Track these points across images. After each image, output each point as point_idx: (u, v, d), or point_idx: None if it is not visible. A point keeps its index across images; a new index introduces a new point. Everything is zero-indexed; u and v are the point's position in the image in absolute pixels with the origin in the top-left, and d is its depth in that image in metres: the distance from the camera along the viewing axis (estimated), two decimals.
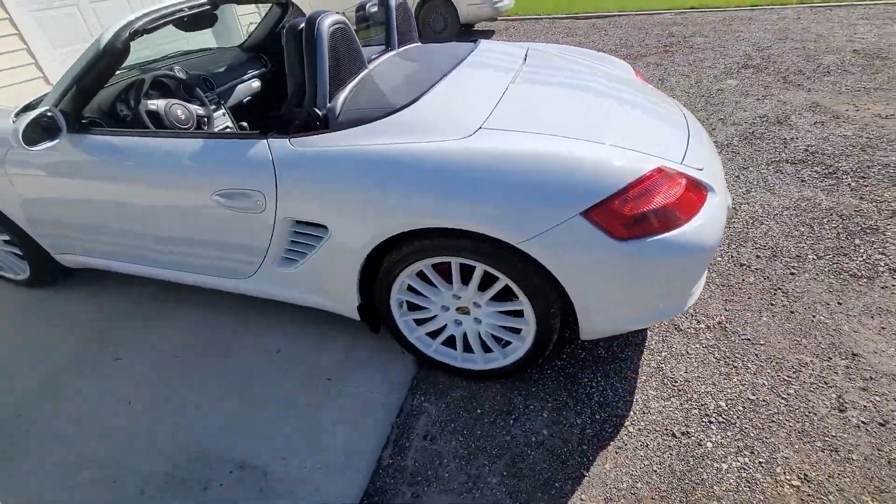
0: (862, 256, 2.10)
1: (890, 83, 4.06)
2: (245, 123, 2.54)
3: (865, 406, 1.49)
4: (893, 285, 1.92)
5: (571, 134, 1.41)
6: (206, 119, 2.25)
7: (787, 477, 1.33)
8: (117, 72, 1.87)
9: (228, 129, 2.44)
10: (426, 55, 2.06)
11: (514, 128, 1.43)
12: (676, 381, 1.64)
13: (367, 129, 1.48)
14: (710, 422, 1.50)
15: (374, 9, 2.38)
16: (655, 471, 1.39)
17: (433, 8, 6.90)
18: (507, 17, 8.80)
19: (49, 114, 1.64)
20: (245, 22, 6.72)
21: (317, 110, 1.58)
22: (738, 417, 1.50)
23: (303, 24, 1.57)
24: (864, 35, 5.45)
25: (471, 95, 1.61)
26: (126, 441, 1.59)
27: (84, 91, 1.72)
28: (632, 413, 1.56)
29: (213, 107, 2.39)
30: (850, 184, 2.66)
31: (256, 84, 2.83)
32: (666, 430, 1.49)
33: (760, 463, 1.37)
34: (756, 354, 1.71)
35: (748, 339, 1.77)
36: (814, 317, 1.82)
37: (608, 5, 8.62)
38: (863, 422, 1.45)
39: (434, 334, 1.71)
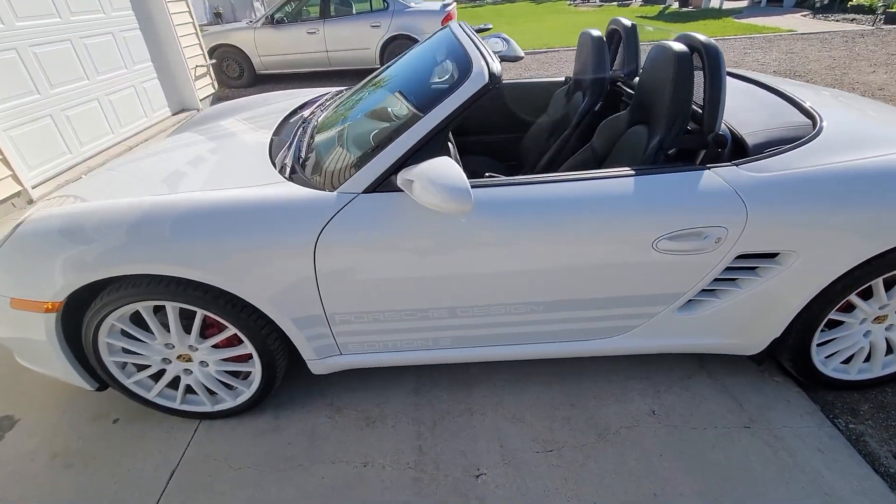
0: None
1: None
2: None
3: None
4: None
5: None
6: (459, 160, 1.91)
7: None
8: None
9: None
10: None
11: None
12: None
13: (806, 150, 1.42)
14: None
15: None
16: None
17: (399, 47, 6.81)
18: None
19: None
20: (192, 65, 5.84)
21: (723, 135, 1.47)
22: None
23: (686, 49, 1.47)
24: (766, 60, 6.86)
25: (844, 111, 1.65)
26: None
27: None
28: None
29: None
30: None
31: None
32: None
33: None
34: None
35: None
36: None
37: (552, 42, 9.43)
38: None
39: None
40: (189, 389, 1.64)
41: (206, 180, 1.55)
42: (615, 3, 18.71)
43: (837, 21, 10.22)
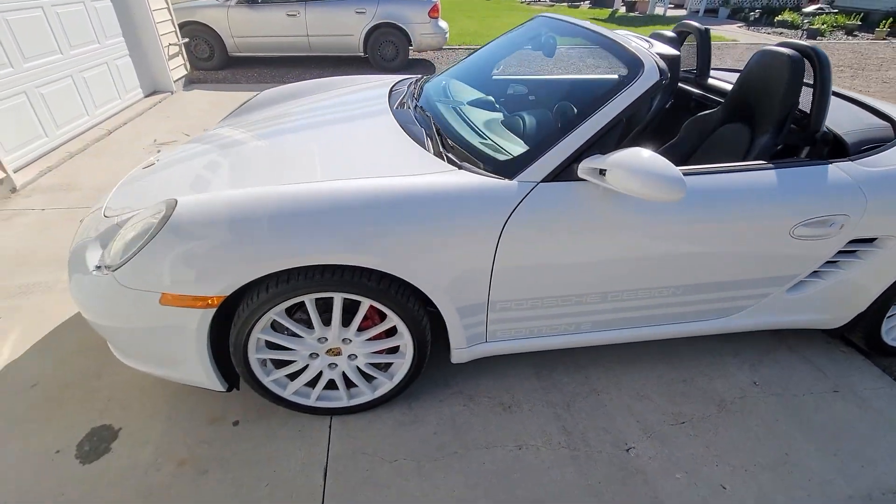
0: None
1: None
2: None
3: None
4: None
5: None
6: None
7: None
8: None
9: None
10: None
11: None
12: None
13: None
14: None
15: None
16: None
17: (384, 35, 6.68)
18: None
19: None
20: (165, 42, 5.37)
21: (828, 133, 1.67)
22: None
23: (799, 55, 1.63)
24: (725, 66, 7.48)
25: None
26: None
27: None
28: None
29: None
30: None
31: None
32: None
33: None
34: None
35: None
36: None
37: None
38: None
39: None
40: (327, 385, 1.58)
41: (360, 166, 1.49)
42: (565, 3, 19.43)
43: (769, 34, 11.36)
